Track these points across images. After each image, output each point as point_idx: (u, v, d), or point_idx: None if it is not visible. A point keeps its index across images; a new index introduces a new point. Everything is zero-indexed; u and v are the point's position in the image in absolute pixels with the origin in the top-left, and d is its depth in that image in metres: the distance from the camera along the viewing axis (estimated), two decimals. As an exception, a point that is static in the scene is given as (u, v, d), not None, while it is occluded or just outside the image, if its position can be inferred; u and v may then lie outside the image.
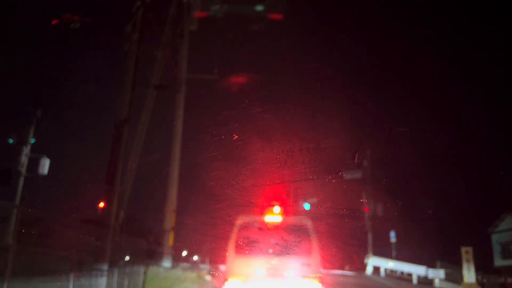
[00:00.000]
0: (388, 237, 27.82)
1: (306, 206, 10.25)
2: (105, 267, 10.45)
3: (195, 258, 23.87)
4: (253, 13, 17.64)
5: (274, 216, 8.30)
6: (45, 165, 13.14)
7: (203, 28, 19.57)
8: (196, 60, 20.31)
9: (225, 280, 7.93)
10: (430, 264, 23.03)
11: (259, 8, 17.41)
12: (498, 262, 26.18)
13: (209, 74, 19.63)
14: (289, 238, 7.76)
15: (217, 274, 15.16)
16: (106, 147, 12.02)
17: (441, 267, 22.57)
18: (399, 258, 26.32)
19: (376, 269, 26.18)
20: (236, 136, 9.08)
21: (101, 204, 11.44)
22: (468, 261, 19.67)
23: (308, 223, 8.18)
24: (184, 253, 22.91)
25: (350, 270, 25.47)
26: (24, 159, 13.06)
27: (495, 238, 26.66)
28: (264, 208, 8.40)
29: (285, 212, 8.38)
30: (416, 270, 23.60)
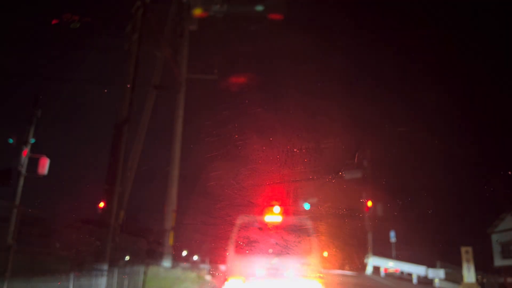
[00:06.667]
0: (388, 237, 27.83)
1: (306, 206, 10.25)
2: (105, 267, 10.45)
3: (195, 258, 23.89)
4: (253, 13, 17.64)
5: (274, 216, 8.29)
6: (45, 165, 13.12)
7: (203, 28, 19.58)
8: (196, 60, 20.32)
9: (225, 280, 7.93)
10: (430, 264, 23.04)
11: (259, 8, 17.42)
12: (498, 262, 26.19)
13: (209, 74, 19.63)
14: (289, 238, 7.75)
15: (217, 274, 15.16)
16: (106, 147, 12.04)
17: (441, 267, 22.58)
18: (399, 258, 26.32)
19: (376, 269, 26.18)
20: (236, 136, 9.08)
21: (101, 204, 11.45)
22: (468, 261, 19.68)
23: (308, 223, 8.18)
24: (184, 253, 22.93)
25: (350, 270, 25.47)
26: (24, 159, 13.04)
27: (495, 238, 26.66)
28: (264, 208, 8.39)
29: (285, 212, 8.38)
30: (416, 270, 23.60)
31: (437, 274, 22.26)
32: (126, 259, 13.77)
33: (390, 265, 25.93)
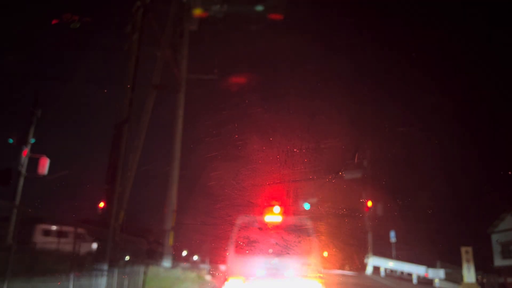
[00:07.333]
0: (388, 237, 27.83)
1: (306, 206, 10.25)
2: (105, 267, 10.45)
3: (195, 258, 23.91)
4: (253, 13, 17.64)
5: (274, 216, 8.29)
6: (45, 165, 13.13)
7: (203, 28, 19.59)
8: (196, 60, 20.33)
9: (225, 280, 7.93)
10: (430, 264, 23.04)
11: (259, 8, 17.41)
12: (498, 262, 26.18)
13: (209, 74, 19.64)
14: (289, 238, 7.75)
15: (217, 274, 15.17)
16: (106, 147, 12.03)
17: (441, 267, 22.58)
18: (399, 258, 26.33)
19: (376, 269, 26.19)
20: (236, 136, 9.09)
21: (101, 204, 11.44)
22: (468, 261, 19.68)
23: (308, 223, 8.18)
24: (184, 253, 22.95)
25: (350, 270, 25.48)
26: (24, 159, 13.05)
27: (495, 238, 26.66)
28: (264, 208, 8.39)
29: (285, 212, 8.38)
30: (416, 270, 23.61)
31: (437, 274, 22.26)
32: (126, 259, 13.78)
33: (390, 265, 25.96)
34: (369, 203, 26.02)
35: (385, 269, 26.08)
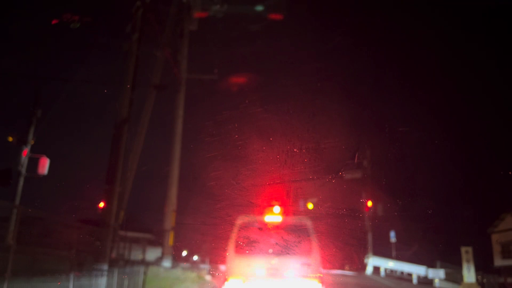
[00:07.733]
0: (388, 237, 27.83)
1: (310, 206, 10.22)
2: (105, 267, 10.46)
3: (195, 258, 23.90)
4: (253, 13, 17.65)
5: (274, 216, 8.29)
6: (45, 165, 13.13)
7: (203, 28, 19.60)
8: (196, 60, 20.34)
9: (225, 280, 7.93)
10: (430, 264, 23.04)
11: (259, 8, 17.42)
12: (498, 262, 26.18)
13: (209, 74, 19.68)
14: (289, 238, 7.75)
15: (217, 274, 15.16)
16: (106, 147, 12.04)
17: (441, 267, 22.58)
18: (399, 258, 26.33)
19: (376, 269, 26.19)
20: (236, 136, 9.09)
21: (101, 204, 11.45)
22: (468, 261, 19.68)
23: (308, 223, 8.18)
24: (184, 253, 22.95)
25: (350, 270, 25.47)
26: (24, 159, 13.05)
27: (495, 238, 26.66)
28: (264, 208, 8.39)
29: (285, 212, 8.38)
30: (416, 270, 23.61)
31: (437, 274, 22.26)
32: (126, 259, 13.78)
33: (390, 265, 25.96)
34: (369, 203, 25.99)
35: (385, 269, 26.08)
